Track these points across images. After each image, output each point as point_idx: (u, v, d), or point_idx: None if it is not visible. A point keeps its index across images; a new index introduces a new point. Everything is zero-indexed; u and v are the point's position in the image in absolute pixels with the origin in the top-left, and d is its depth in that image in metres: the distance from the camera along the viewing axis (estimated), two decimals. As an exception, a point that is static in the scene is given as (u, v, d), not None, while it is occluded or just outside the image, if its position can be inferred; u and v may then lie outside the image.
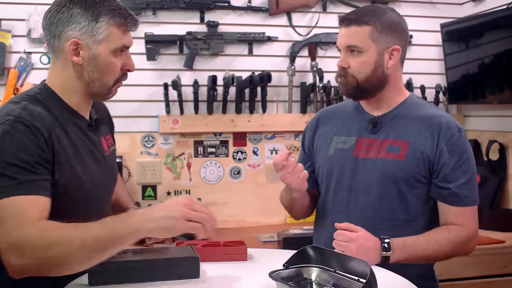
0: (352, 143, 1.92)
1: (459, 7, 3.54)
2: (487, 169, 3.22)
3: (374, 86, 1.87)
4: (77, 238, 1.39)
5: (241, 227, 3.23)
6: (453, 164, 1.80)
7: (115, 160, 1.89)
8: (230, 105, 3.21)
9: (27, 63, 3.01)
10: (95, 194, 1.68)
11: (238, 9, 3.23)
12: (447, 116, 1.89)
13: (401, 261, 1.73)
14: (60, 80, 1.67)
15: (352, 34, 1.84)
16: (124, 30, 1.65)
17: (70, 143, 1.61)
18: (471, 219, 1.82)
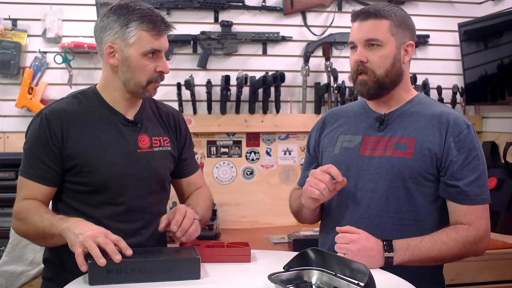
0: (358, 142, 1.89)
1: (477, 6, 3.48)
2: (504, 172, 3.16)
3: (392, 82, 1.84)
4: (32, 224, 1.73)
5: (253, 228, 3.23)
6: (462, 161, 1.76)
7: (160, 160, 1.93)
8: (243, 105, 3.21)
9: (42, 63, 3.03)
10: (112, 181, 1.82)
11: (252, 9, 3.23)
12: (456, 113, 1.84)
13: (406, 262, 1.69)
14: (104, 79, 1.90)
15: (370, 27, 1.80)
16: (153, 34, 1.79)
17: (94, 134, 1.83)
18: (481, 218, 1.77)
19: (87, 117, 1.84)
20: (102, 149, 1.82)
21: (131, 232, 1.83)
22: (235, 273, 1.63)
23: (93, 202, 1.82)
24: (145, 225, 1.88)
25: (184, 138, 2.06)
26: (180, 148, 2.03)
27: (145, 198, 1.89)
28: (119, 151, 1.84)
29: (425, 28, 3.43)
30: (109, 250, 1.52)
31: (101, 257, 1.49)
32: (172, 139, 1.99)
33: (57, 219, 1.67)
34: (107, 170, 1.81)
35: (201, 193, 2.07)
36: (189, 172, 2.07)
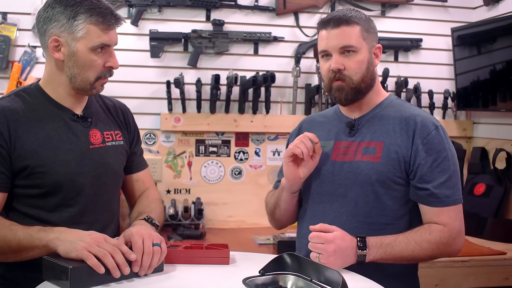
0: (330, 147, 1.89)
1: (471, 11, 3.47)
2: (492, 178, 3.15)
3: (368, 86, 1.84)
4: (2, 238, 1.59)
5: (239, 228, 3.22)
6: (430, 163, 1.75)
7: (114, 155, 1.88)
8: (233, 104, 3.19)
9: (31, 57, 3.01)
10: (67, 181, 1.73)
11: (244, 8, 3.21)
12: (424, 114, 1.83)
13: (378, 260, 1.69)
14: (47, 74, 1.79)
15: (344, 34, 1.79)
16: (103, 28, 1.71)
17: (43, 132, 1.72)
18: (454, 219, 1.76)
19: (33, 115, 1.73)
20: (53, 147, 1.72)
21: None
22: (212, 275, 1.61)
23: (47, 206, 1.73)
24: (105, 225, 1.82)
25: (133, 132, 2.00)
26: (130, 142, 1.97)
27: (102, 196, 1.83)
28: (71, 148, 1.75)
29: (418, 32, 3.42)
30: (119, 261, 1.48)
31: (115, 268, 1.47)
32: (123, 132, 1.93)
33: (35, 230, 1.58)
34: (60, 170, 1.72)
35: (150, 197, 1.98)
36: (137, 168, 2.00)
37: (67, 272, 1.43)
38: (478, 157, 3.32)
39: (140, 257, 1.54)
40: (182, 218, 3.02)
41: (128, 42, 3.06)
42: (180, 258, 1.68)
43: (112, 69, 1.77)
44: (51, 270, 1.48)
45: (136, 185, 2.01)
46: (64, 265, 1.44)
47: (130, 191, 2.02)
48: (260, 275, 1.49)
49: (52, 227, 1.60)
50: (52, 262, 1.47)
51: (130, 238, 1.59)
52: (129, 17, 3.07)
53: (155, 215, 1.84)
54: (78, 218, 1.76)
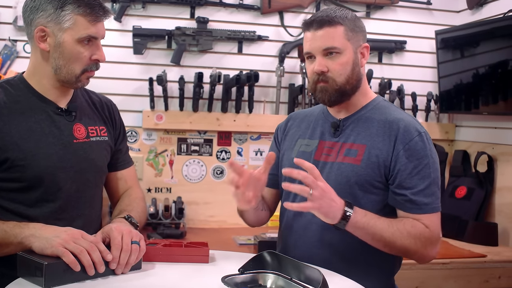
0: (314, 146, 1.87)
1: (455, 15, 3.49)
2: (474, 181, 3.17)
3: (353, 87, 1.80)
4: None
5: (221, 228, 3.19)
6: (410, 169, 1.72)
7: (98, 151, 1.85)
8: (216, 103, 3.17)
9: (11, 51, 2.97)
10: (48, 175, 1.70)
11: (229, 6, 3.19)
12: (409, 119, 1.80)
13: (359, 228, 1.64)
14: (32, 65, 1.76)
15: (327, 35, 1.76)
16: (90, 20, 1.68)
17: (25, 125, 1.69)
18: (435, 224, 1.74)
19: (15, 107, 1.69)
20: (35, 140, 1.69)
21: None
22: (191, 273, 1.58)
23: (27, 200, 1.69)
24: (87, 222, 1.79)
25: (119, 129, 1.97)
26: (115, 139, 1.94)
27: (84, 192, 1.80)
28: (54, 142, 1.72)
29: (403, 34, 3.42)
30: (96, 258, 1.45)
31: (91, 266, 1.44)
32: (108, 129, 1.91)
33: (10, 226, 1.55)
34: (42, 163, 1.68)
35: (132, 195, 1.94)
36: (122, 166, 1.97)
37: (42, 268, 1.39)
38: (460, 160, 3.33)
39: (118, 253, 1.51)
40: (163, 217, 2.99)
41: (111, 38, 3.02)
42: (159, 256, 1.65)
43: (99, 62, 1.74)
44: (26, 266, 1.44)
45: (120, 183, 1.98)
46: (39, 262, 1.41)
47: (113, 189, 1.98)
48: (240, 273, 1.47)
49: (28, 223, 1.56)
50: (27, 259, 1.44)
51: (109, 234, 1.55)
52: (113, 13, 3.03)
53: (136, 214, 1.80)
54: (59, 213, 1.73)
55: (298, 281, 1.43)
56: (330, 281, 1.36)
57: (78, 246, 1.45)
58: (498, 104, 3.06)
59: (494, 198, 3.12)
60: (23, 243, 1.50)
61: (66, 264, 1.42)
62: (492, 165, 3.14)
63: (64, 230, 1.51)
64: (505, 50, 2.98)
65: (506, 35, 2.95)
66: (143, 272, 1.57)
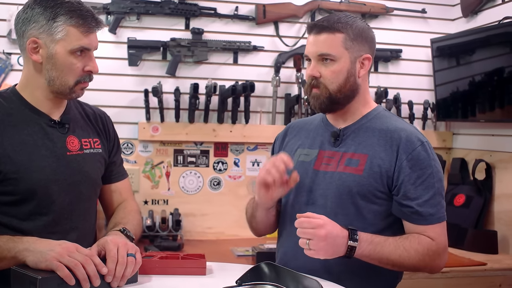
0: (314, 156, 1.85)
1: (450, 23, 3.49)
2: (472, 189, 3.15)
3: (346, 97, 1.79)
4: None
5: (218, 239, 3.17)
6: (414, 180, 1.71)
7: (92, 163, 1.83)
8: (212, 114, 3.15)
9: (6, 64, 2.96)
10: (41, 187, 1.67)
11: (224, 17, 3.19)
12: (410, 129, 1.79)
13: (365, 256, 1.64)
14: (25, 78, 1.74)
15: (324, 41, 1.76)
16: (83, 31, 1.67)
17: (18, 137, 1.67)
18: (440, 235, 1.73)
19: (7, 119, 1.67)
20: (28, 153, 1.66)
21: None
22: (188, 286, 1.56)
23: (20, 214, 1.66)
24: (81, 235, 1.76)
25: (113, 141, 1.95)
26: (109, 151, 1.92)
27: (78, 204, 1.77)
28: (46, 155, 1.69)
29: (398, 43, 3.42)
30: (91, 272, 1.43)
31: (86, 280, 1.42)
32: (102, 141, 1.89)
33: (4, 241, 1.52)
34: (34, 176, 1.66)
35: (127, 208, 1.91)
36: (116, 178, 1.95)
37: (36, 283, 1.37)
38: (457, 168, 3.32)
39: (114, 266, 1.48)
40: (160, 230, 2.97)
41: (106, 50, 3.02)
42: (155, 269, 1.63)
43: (92, 74, 1.73)
44: (20, 281, 1.42)
45: (114, 195, 1.95)
46: (33, 276, 1.39)
47: (107, 201, 1.96)
48: (237, 285, 1.45)
49: (22, 237, 1.54)
50: (21, 273, 1.42)
51: (105, 246, 1.53)
52: (107, 25, 3.03)
53: (131, 227, 1.78)
54: (52, 227, 1.70)
55: (296, 292, 1.41)
56: (329, 292, 1.34)
57: (73, 259, 1.43)
58: (495, 112, 3.05)
59: (493, 205, 3.10)
60: (17, 258, 1.48)
61: (60, 278, 1.40)
62: (490, 173, 3.12)
63: (59, 244, 1.49)
64: (501, 57, 2.97)
65: (502, 43, 2.95)
66: (139, 285, 1.54)
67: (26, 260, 1.45)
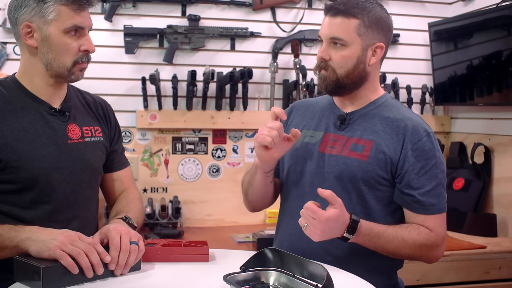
0: (319, 138, 1.84)
1: (448, 7, 3.47)
2: (471, 173, 3.16)
3: (353, 83, 1.78)
4: None
5: (218, 226, 3.17)
6: (418, 170, 1.71)
7: (93, 151, 1.82)
8: (210, 101, 3.14)
9: (1, 54, 2.93)
10: (43, 176, 1.67)
11: (221, 3, 3.16)
12: (417, 119, 1.79)
13: (360, 243, 1.66)
14: (22, 65, 1.73)
15: (337, 25, 1.74)
16: (74, 9, 1.65)
17: (18, 125, 1.66)
18: (439, 225, 1.74)
19: (8, 107, 1.67)
20: (29, 141, 1.66)
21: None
22: (191, 273, 1.56)
23: (22, 202, 1.66)
24: (83, 224, 1.76)
25: (114, 129, 1.94)
26: (110, 139, 1.92)
27: (80, 193, 1.76)
28: (48, 143, 1.69)
29: (396, 27, 3.35)
30: (94, 260, 1.43)
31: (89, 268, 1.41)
32: (103, 129, 1.88)
33: (6, 230, 1.52)
34: (36, 164, 1.65)
35: (129, 196, 1.91)
36: (118, 167, 1.95)
37: (40, 272, 1.37)
38: (456, 152, 3.32)
39: (117, 254, 1.48)
40: (160, 217, 2.97)
41: (102, 38, 2.99)
42: (158, 256, 1.63)
43: (89, 53, 1.71)
44: (23, 270, 1.42)
45: (116, 184, 1.95)
46: (36, 265, 1.38)
47: (109, 190, 1.96)
48: (241, 271, 1.45)
49: (24, 226, 1.53)
50: (24, 262, 1.41)
51: (107, 234, 1.53)
52: (103, 13, 3.00)
53: (133, 215, 1.78)
54: (54, 215, 1.70)
55: (301, 277, 1.40)
56: (334, 277, 1.33)
57: (76, 248, 1.43)
58: (493, 95, 3.05)
59: (492, 189, 3.11)
60: (19, 247, 1.48)
61: (64, 267, 1.40)
62: (489, 156, 3.13)
63: (61, 233, 1.48)
64: (499, 40, 2.97)
65: (499, 26, 2.94)
66: (142, 272, 1.54)
67: (29, 249, 1.45)
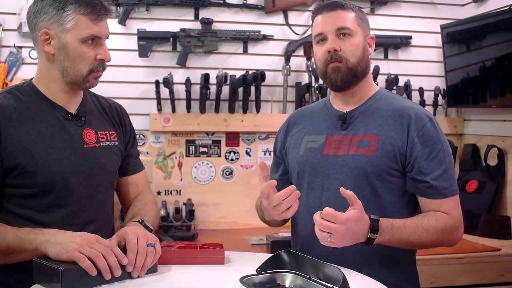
0: (322, 142, 1.86)
1: (460, 8, 3.46)
2: (485, 175, 3.15)
3: (362, 72, 1.83)
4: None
5: (232, 229, 3.18)
6: (427, 155, 1.74)
7: (108, 156, 1.84)
8: (223, 104, 3.15)
9: (17, 58, 2.96)
10: (59, 180, 1.69)
11: (233, 7, 3.18)
12: (417, 107, 1.83)
13: (385, 243, 1.66)
14: (39, 71, 1.76)
15: (341, 16, 1.80)
16: (92, 19, 1.68)
17: (35, 130, 1.68)
18: (455, 208, 1.76)
19: (25, 112, 1.69)
20: (46, 145, 1.68)
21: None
22: (207, 275, 1.57)
23: (39, 206, 1.68)
24: (99, 227, 1.77)
25: (129, 133, 1.96)
26: (125, 143, 1.94)
27: (96, 197, 1.79)
28: (64, 147, 1.71)
29: (408, 29, 3.41)
30: (112, 262, 1.45)
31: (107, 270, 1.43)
32: (118, 133, 1.90)
33: (25, 233, 1.54)
34: (52, 168, 1.67)
35: (144, 200, 1.93)
36: (133, 171, 1.97)
37: (59, 274, 1.39)
38: (469, 154, 3.31)
39: (134, 256, 1.50)
40: (173, 220, 2.98)
41: (116, 42, 3.01)
42: (174, 259, 1.65)
43: (105, 62, 1.74)
44: (42, 272, 1.44)
45: (131, 188, 1.97)
46: (55, 267, 1.40)
47: (124, 193, 1.97)
48: (258, 273, 1.46)
49: (43, 229, 1.55)
50: (43, 265, 1.43)
51: (124, 237, 1.55)
52: (117, 17, 3.03)
53: (149, 218, 1.80)
54: (71, 219, 1.72)
55: (317, 279, 1.41)
56: (349, 279, 1.34)
57: (94, 250, 1.45)
58: (506, 97, 3.04)
59: (506, 191, 3.09)
60: (38, 249, 1.50)
61: (82, 269, 1.42)
62: (503, 158, 3.11)
63: (79, 235, 1.51)
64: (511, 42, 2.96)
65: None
66: (159, 274, 1.56)
67: (48, 252, 1.47)
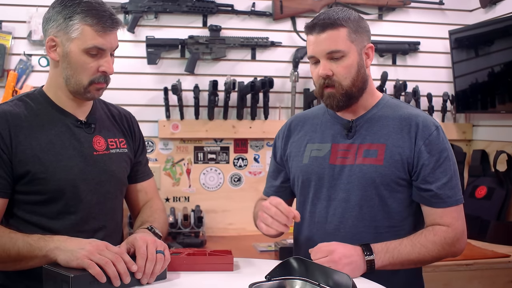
0: (327, 150, 1.83)
1: (468, 14, 3.46)
2: (494, 181, 3.13)
3: (359, 90, 1.77)
4: (1, 248, 1.55)
5: (240, 235, 3.18)
6: (433, 164, 1.73)
7: (118, 163, 1.84)
8: (231, 110, 3.16)
9: (27, 66, 2.98)
10: (69, 187, 1.70)
11: (241, 14, 3.19)
12: (424, 114, 1.81)
13: (387, 266, 1.66)
14: (49, 78, 1.78)
15: (330, 38, 1.72)
16: (98, 30, 1.67)
17: (46, 138, 1.69)
18: (457, 219, 1.75)
19: (35, 120, 1.70)
20: (56, 153, 1.69)
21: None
22: (216, 282, 1.57)
23: (49, 213, 1.69)
24: (108, 234, 1.78)
25: (138, 141, 1.97)
26: (135, 151, 1.94)
27: (105, 204, 1.79)
28: (74, 155, 1.72)
29: (416, 35, 3.41)
30: (121, 269, 1.45)
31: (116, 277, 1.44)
32: (128, 141, 1.90)
33: (35, 239, 1.54)
34: (62, 175, 1.68)
35: (153, 207, 1.93)
36: (142, 178, 1.97)
37: (69, 281, 1.39)
38: (478, 159, 3.30)
39: (144, 263, 1.50)
40: (182, 226, 2.99)
41: (125, 49, 3.02)
42: (183, 265, 1.65)
43: (107, 75, 1.72)
44: (52, 279, 1.44)
45: (140, 195, 1.97)
46: (65, 274, 1.41)
47: (133, 200, 1.98)
48: (267, 280, 1.46)
49: (52, 236, 1.56)
50: (53, 271, 1.44)
51: (134, 243, 1.55)
52: (125, 24, 3.04)
53: (158, 225, 1.80)
54: (81, 226, 1.73)
55: (326, 286, 1.41)
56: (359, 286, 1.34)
57: (103, 257, 1.45)
58: (515, 102, 3.03)
59: (515, 197, 3.08)
60: (48, 256, 1.50)
61: (92, 276, 1.42)
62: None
63: (89, 242, 1.51)
64: (520, 47, 2.95)
65: (521, 33, 2.93)
66: (168, 281, 1.56)
67: (57, 258, 1.47)
